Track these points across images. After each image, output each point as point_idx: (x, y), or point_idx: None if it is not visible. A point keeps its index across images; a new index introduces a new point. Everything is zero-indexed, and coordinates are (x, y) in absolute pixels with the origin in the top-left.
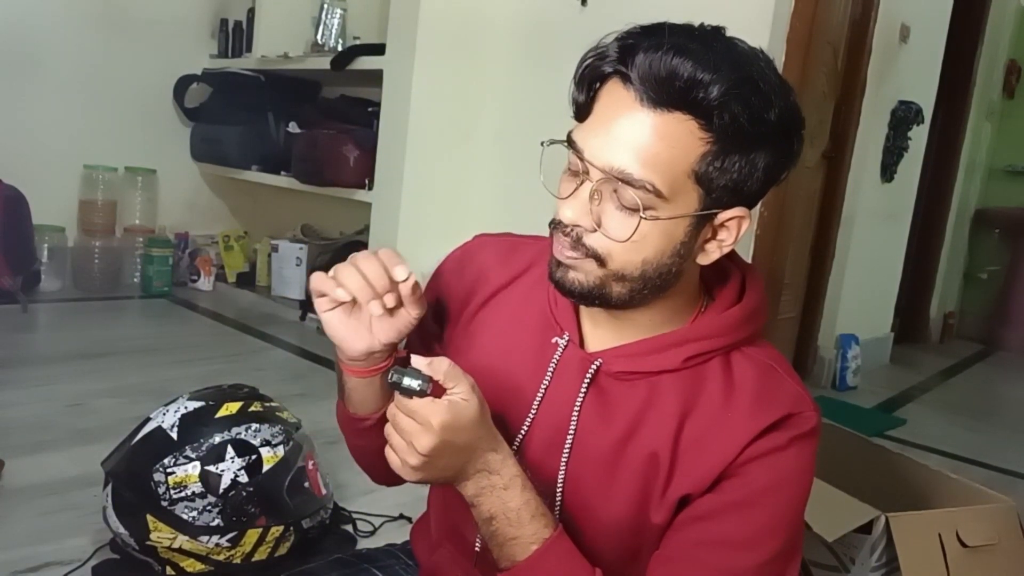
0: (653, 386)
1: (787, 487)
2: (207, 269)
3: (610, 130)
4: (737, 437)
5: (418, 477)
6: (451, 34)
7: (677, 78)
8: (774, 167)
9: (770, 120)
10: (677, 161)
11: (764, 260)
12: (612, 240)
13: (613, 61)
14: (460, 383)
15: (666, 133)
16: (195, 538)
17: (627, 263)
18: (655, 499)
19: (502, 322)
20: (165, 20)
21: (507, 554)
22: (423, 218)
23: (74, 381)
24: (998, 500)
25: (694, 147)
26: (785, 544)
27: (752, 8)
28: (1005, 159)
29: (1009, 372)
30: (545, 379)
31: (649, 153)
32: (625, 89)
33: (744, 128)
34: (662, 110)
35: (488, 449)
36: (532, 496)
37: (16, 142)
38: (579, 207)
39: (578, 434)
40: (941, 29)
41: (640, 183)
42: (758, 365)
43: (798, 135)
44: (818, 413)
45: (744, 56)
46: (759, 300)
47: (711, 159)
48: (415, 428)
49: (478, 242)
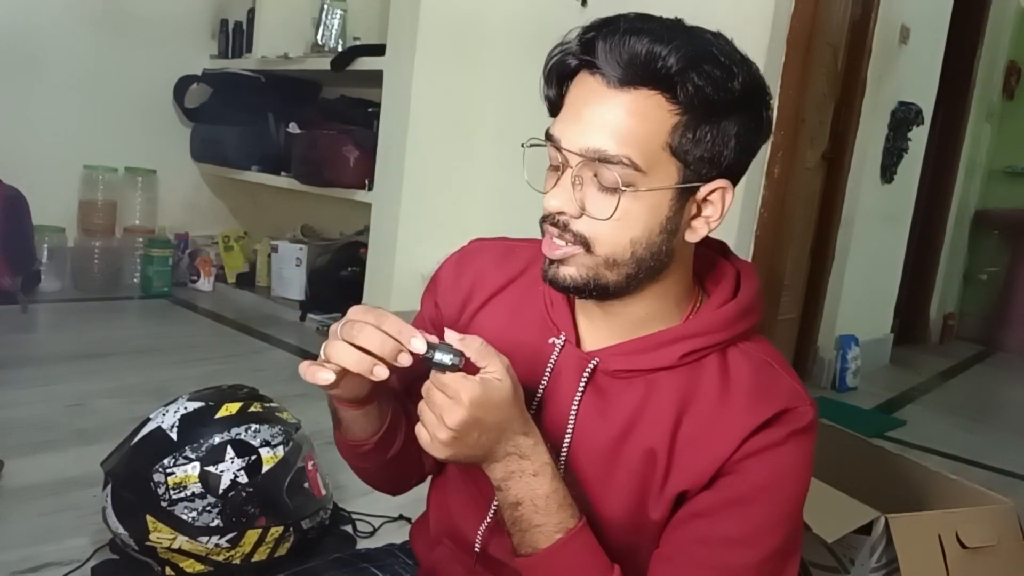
0: (650, 383)
1: (785, 483)
2: (207, 269)
3: (582, 116)
4: (734, 433)
5: (447, 454)
6: (451, 35)
7: (637, 55)
8: (746, 136)
9: (735, 89)
10: (651, 135)
11: (764, 261)
12: (597, 220)
13: (577, 53)
14: (493, 362)
15: (636, 110)
16: (195, 538)
17: (616, 245)
18: (653, 495)
19: (499, 324)
20: (165, 20)
21: (529, 540)
22: (423, 218)
23: (74, 381)
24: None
25: (665, 120)
26: (784, 540)
27: (752, 9)
28: (1005, 160)
29: (1009, 373)
30: (543, 380)
31: (623, 130)
32: (592, 77)
33: (709, 96)
34: (628, 88)
35: (520, 432)
36: (560, 485)
37: (16, 142)
38: (563, 195)
39: (576, 432)
40: (941, 30)
41: (617, 158)
42: (754, 361)
43: (765, 104)
44: (815, 408)
45: (700, 34)
46: (754, 295)
47: (682, 130)
48: (446, 402)
49: (474, 246)
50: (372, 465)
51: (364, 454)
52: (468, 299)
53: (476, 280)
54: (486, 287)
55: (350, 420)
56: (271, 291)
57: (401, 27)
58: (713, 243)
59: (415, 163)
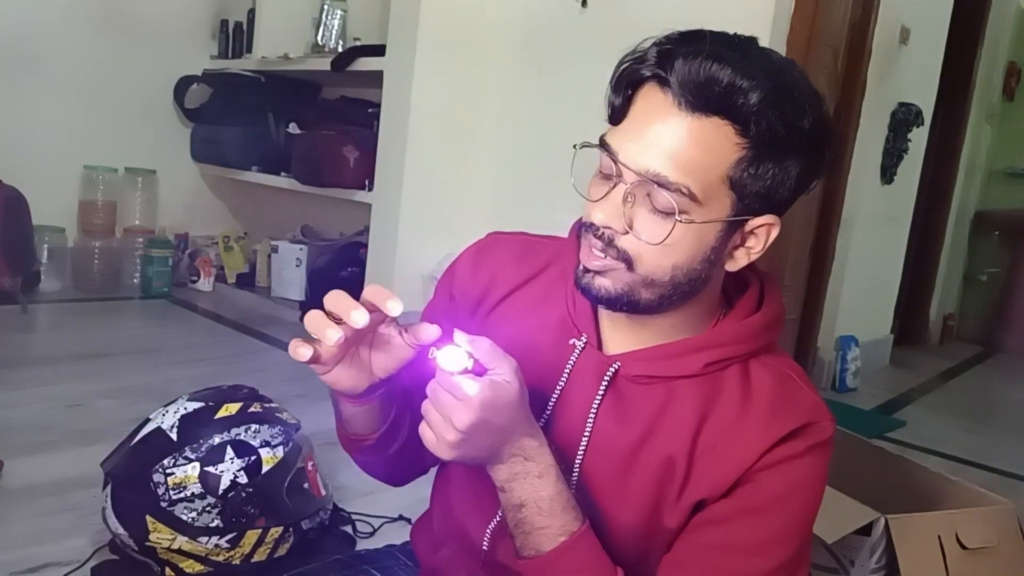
0: (671, 391)
1: (801, 495)
2: (207, 270)
3: (646, 134)
4: (755, 444)
5: (454, 455)
6: (451, 35)
7: (716, 83)
8: (805, 176)
9: (804, 128)
10: (712, 166)
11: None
12: (644, 243)
13: (652, 65)
14: (502, 364)
15: (702, 138)
16: (194, 539)
17: (657, 267)
18: (669, 503)
19: (517, 322)
20: (165, 21)
21: (532, 543)
22: (423, 218)
23: (74, 381)
24: (997, 502)
25: (730, 152)
26: (795, 552)
27: (752, 10)
28: (1005, 161)
29: (1009, 374)
30: (561, 380)
31: (685, 157)
32: (663, 93)
33: (779, 135)
34: (699, 115)
35: (525, 434)
36: (564, 488)
37: (16, 142)
38: (611, 210)
39: (594, 436)
40: (941, 31)
41: (675, 186)
42: (776, 373)
43: (830, 145)
44: (834, 423)
45: (780, 65)
46: (779, 309)
47: (746, 165)
48: (454, 404)
49: (492, 239)
50: (373, 459)
51: (365, 449)
52: (485, 295)
53: (494, 276)
54: (504, 284)
55: (351, 415)
56: (271, 291)
57: (401, 27)
58: None
59: (415, 163)
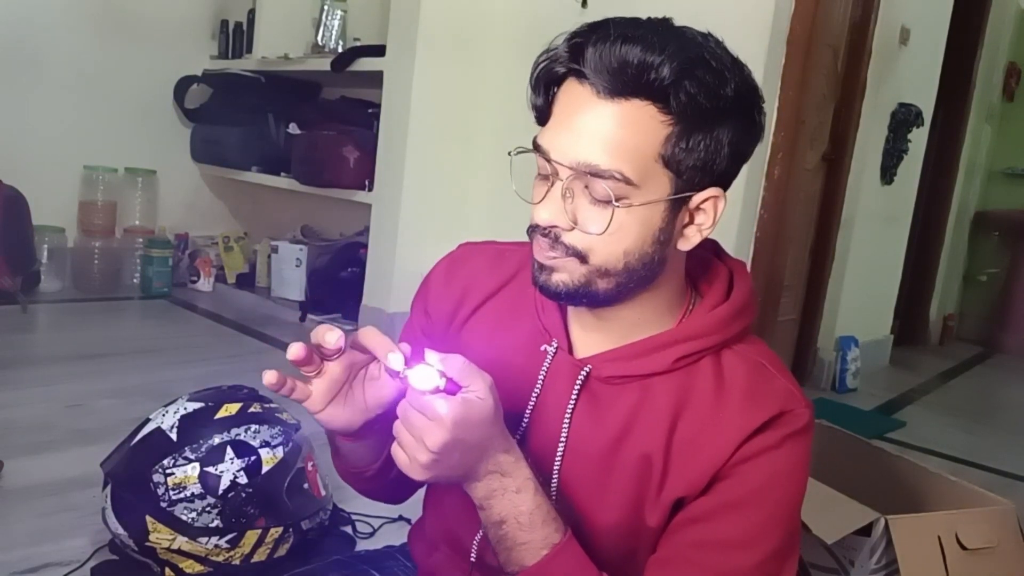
0: (645, 388)
1: (781, 485)
2: (207, 270)
3: (572, 126)
4: (730, 437)
5: (427, 476)
6: (451, 35)
7: (628, 65)
8: (740, 143)
9: (728, 95)
10: (643, 147)
11: (764, 262)
12: (590, 234)
13: (565, 61)
14: (476, 381)
15: (627, 121)
16: (194, 539)
17: (609, 256)
18: (650, 501)
19: (491, 331)
20: (165, 21)
21: (515, 558)
22: (423, 218)
23: (74, 381)
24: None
25: (657, 131)
26: (781, 542)
27: (752, 10)
28: (1005, 161)
29: (1009, 374)
30: (536, 387)
31: (614, 143)
32: (581, 85)
33: (702, 106)
34: (620, 99)
35: (501, 450)
36: (543, 500)
37: (16, 142)
38: (553, 207)
39: (571, 439)
40: (941, 31)
41: (609, 173)
42: (749, 363)
43: (759, 109)
44: (810, 409)
45: (692, 38)
46: (747, 296)
47: (675, 140)
48: (426, 424)
49: (464, 251)
50: (374, 487)
51: (366, 479)
52: (458, 306)
53: (467, 286)
54: (477, 293)
55: (348, 451)
56: (271, 292)
57: (401, 28)
58: (706, 242)
59: (415, 163)
